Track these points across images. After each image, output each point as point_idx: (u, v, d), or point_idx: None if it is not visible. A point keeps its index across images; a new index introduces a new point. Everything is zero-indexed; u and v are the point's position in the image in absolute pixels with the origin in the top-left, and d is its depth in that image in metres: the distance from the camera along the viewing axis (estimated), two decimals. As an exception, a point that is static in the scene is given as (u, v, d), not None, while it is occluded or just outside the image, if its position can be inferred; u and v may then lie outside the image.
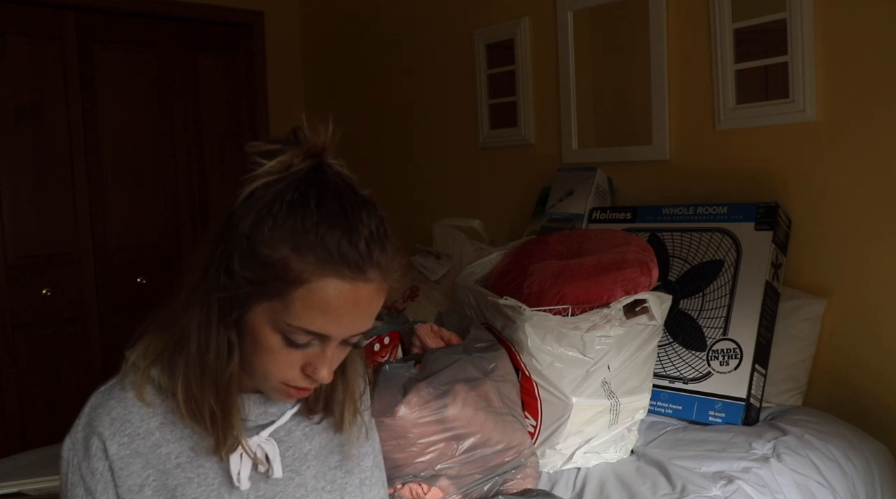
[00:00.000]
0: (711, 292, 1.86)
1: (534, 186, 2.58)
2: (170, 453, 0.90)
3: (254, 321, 0.84)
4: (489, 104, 2.78)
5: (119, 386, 0.92)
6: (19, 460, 1.85)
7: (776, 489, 1.46)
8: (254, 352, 0.86)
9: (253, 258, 0.81)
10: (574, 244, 1.88)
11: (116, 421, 0.89)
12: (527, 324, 1.55)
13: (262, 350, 0.85)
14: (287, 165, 0.84)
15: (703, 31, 2.10)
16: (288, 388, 0.88)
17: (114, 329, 3.16)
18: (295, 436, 0.98)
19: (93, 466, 0.89)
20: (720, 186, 2.08)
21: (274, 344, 0.84)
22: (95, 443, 0.89)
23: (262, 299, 0.83)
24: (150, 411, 0.90)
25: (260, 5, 3.52)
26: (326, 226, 0.81)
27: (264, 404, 0.95)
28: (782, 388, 1.88)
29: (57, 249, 3.05)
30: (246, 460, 0.91)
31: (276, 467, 0.93)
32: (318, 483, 0.98)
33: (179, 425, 0.91)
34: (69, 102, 3.06)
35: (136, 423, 0.90)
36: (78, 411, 0.92)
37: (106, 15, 3.16)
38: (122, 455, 0.88)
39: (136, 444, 0.89)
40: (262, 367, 0.86)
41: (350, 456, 1.02)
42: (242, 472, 0.91)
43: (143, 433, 0.90)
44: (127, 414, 0.90)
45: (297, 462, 0.97)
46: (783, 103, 1.93)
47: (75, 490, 0.90)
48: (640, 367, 1.64)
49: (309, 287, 0.81)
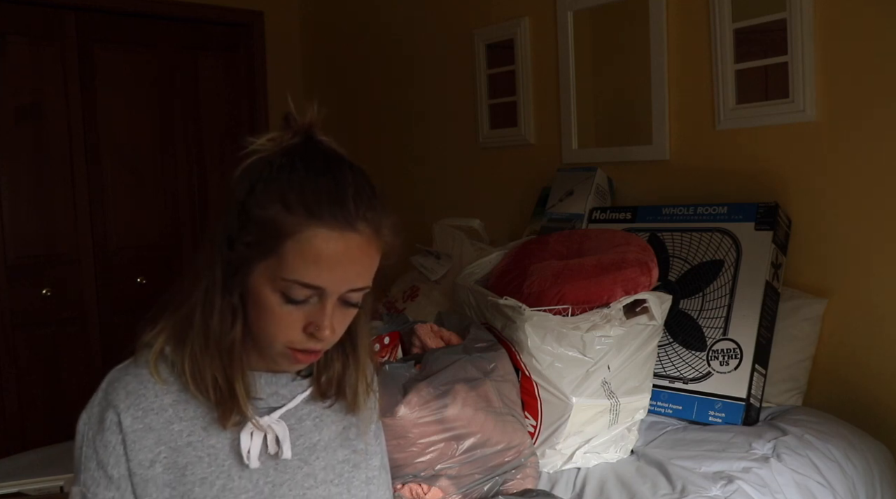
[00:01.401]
0: (711, 292, 1.86)
1: (534, 186, 2.58)
2: (181, 431, 0.91)
3: (254, 284, 0.87)
4: (489, 104, 2.78)
5: (134, 363, 0.94)
6: (19, 460, 1.86)
7: (776, 490, 1.46)
8: (257, 316, 0.88)
9: (248, 222, 0.86)
10: (574, 244, 1.88)
11: (132, 395, 0.90)
12: (527, 324, 1.55)
13: (264, 312, 0.87)
14: (278, 141, 0.90)
15: (703, 31, 2.10)
16: (294, 352, 0.89)
17: (114, 329, 3.16)
18: (306, 425, 0.99)
19: (106, 439, 0.90)
20: (720, 186, 2.08)
21: (274, 304, 0.87)
22: (110, 416, 0.90)
23: (259, 260, 0.86)
24: (164, 387, 0.92)
25: (260, 5, 3.52)
26: (313, 181, 0.86)
27: (275, 384, 0.97)
28: (782, 388, 1.88)
29: (57, 249, 3.05)
30: (256, 439, 0.92)
31: (285, 449, 0.94)
32: (326, 475, 0.99)
33: (192, 404, 0.93)
34: (69, 102, 3.06)
35: (151, 398, 0.91)
36: (78, 412, 0.93)
37: (106, 15, 3.16)
38: (135, 429, 0.90)
39: (150, 418, 0.90)
40: (266, 330, 0.88)
41: (364, 433, 1.04)
42: (252, 450, 0.92)
43: (156, 409, 0.91)
44: (142, 388, 0.91)
45: (306, 451, 0.98)
46: (783, 103, 1.93)
47: (88, 464, 0.91)
48: (641, 367, 1.64)
49: (299, 239, 0.84)
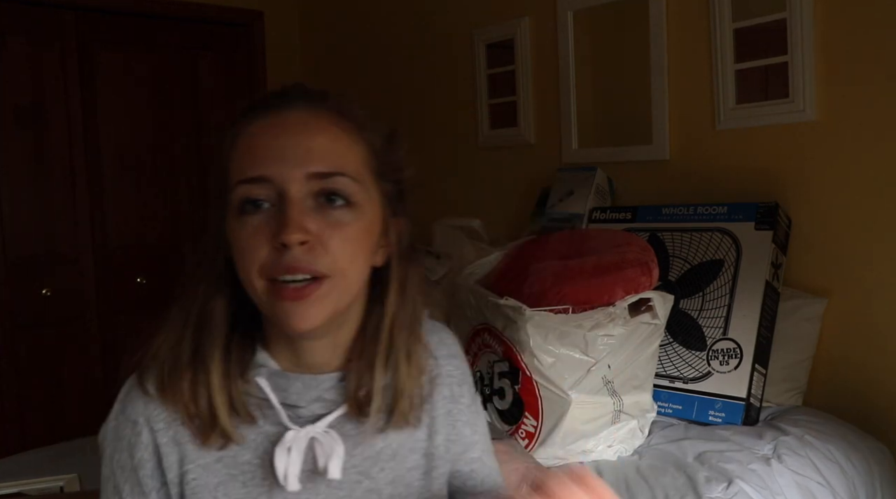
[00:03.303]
0: (711, 292, 1.86)
1: (534, 186, 2.57)
2: (211, 445, 0.77)
3: (227, 226, 0.76)
4: (489, 104, 2.78)
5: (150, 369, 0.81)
6: (19, 460, 1.86)
7: (777, 491, 1.46)
8: (236, 260, 0.75)
9: (211, 169, 0.79)
10: (574, 244, 1.88)
11: (150, 405, 0.78)
12: (528, 324, 1.55)
13: (235, 247, 0.74)
14: None
15: (703, 31, 2.10)
16: (276, 288, 0.72)
17: (114, 329, 3.15)
18: (365, 430, 0.81)
19: (122, 460, 0.78)
20: (720, 186, 2.08)
21: (236, 227, 0.74)
22: (128, 432, 0.78)
23: (222, 194, 0.76)
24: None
25: (260, 5, 3.52)
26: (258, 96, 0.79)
27: (316, 388, 0.79)
28: (782, 388, 1.88)
29: (57, 249, 3.05)
30: (295, 456, 0.76)
31: (332, 467, 0.77)
32: (395, 489, 0.82)
33: None
34: (69, 103, 3.06)
35: (171, 407, 0.78)
36: (78, 412, 0.90)
37: (106, 15, 3.16)
38: (160, 443, 0.77)
39: (174, 431, 0.77)
40: (242, 265, 0.74)
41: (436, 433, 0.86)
42: (290, 470, 0.76)
43: (180, 419, 0.77)
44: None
45: (367, 462, 0.82)
46: (783, 103, 1.93)
47: (106, 485, 0.79)
48: (643, 367, 1.64)
49: (235, 141, 0.76)
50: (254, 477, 0.78)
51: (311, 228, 0.72)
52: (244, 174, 0.73)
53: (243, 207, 0.73)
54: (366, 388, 0.79)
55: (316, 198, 0.73)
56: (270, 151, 0.73)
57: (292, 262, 0.71)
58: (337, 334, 0.79)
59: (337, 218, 0.74)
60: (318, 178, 0.73)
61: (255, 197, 0.73)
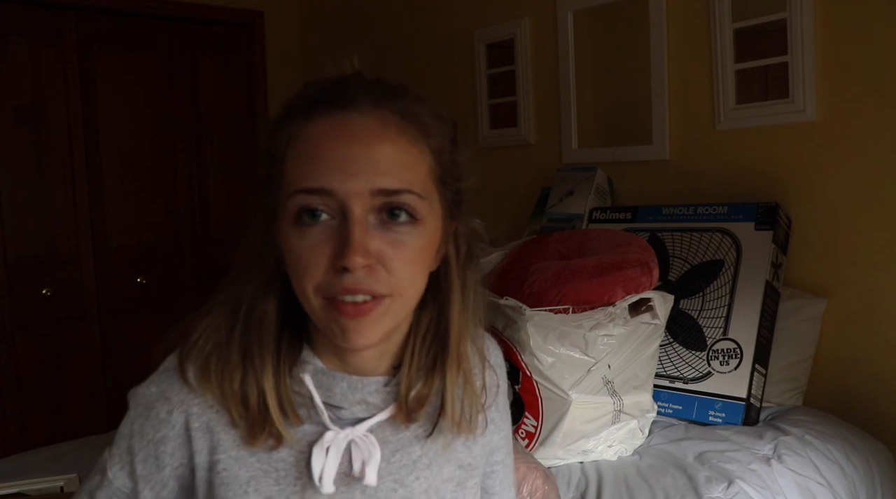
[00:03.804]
0: (711, 292, 1.86)
1: (534, 186, 2.58)
2: (245, 437, 0.75)
3: (279, 231, 0.72)
4: (489, 104, 2.78)
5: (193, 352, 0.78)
6: (19, 460, 1.86)
7: (777, 491, 1.46)
8: (289, 270, 0.72)
9: (262, 166, 0.75)
10: (574, 244, 1.88)
11: (186, 386, 0.75)
12: (528, 324, 1.55)
13: (289, 257, 0.71)
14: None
15: (703, 31, 2.10)
16: (335, 305, 0.69)
17: (114, 329, 3.15)
18: (404, 437, 0.80)
19: (145, 430, 0.76)
20: (720, 186, 2.08)
21: (293, 239, 0.70)
22: (161, 408, 0.75)
23: (275, 196, 0.72)
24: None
25: (260, 5, 3.52)
26: (315, 85, 0.75)
27: (361, 391, 0.77)
28: (782, 388, 1.88)
29: (57, 249, 3.05)
30: (332, 457, 0.74)
31: (369, 472, 0.75)
32: (428, 498, 0.81)
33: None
34: (69, 103, 3.06)
35: (208, 396, 0.76)
36: (78, 412, 0.88)
37: (106, 15, 3.15)
38: (191, 427, 0.75)
39: (208, 417, 0.75)
40: (297, 278, 0.70)
41: (473, 445, 0.85)
42: (326, 471, 0.74)
43: (216, 406, 0.75)
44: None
45: (403, 470, 0.79)
46: (783, 103, 1.93)
47: (120, 442, 0.77)
48: (643, 367, 1.64)
49: (292, 142, 0.71)
50: (287, 475, 0.76)
51: (373, 248, 0.68)
52: (304, 183, 0.69)
53: (300, 216, 0.69)
54: (417, 393, 0.78)
55: (378, 214, 0.70)
56: (333, 162, 0.68)
57: (352, 284, 0.68)
58: (387, 343, 0.77)
59: (399, 236, 0.70)
60: (384, 194, 0.69)
61: (315, 207, 0.69)
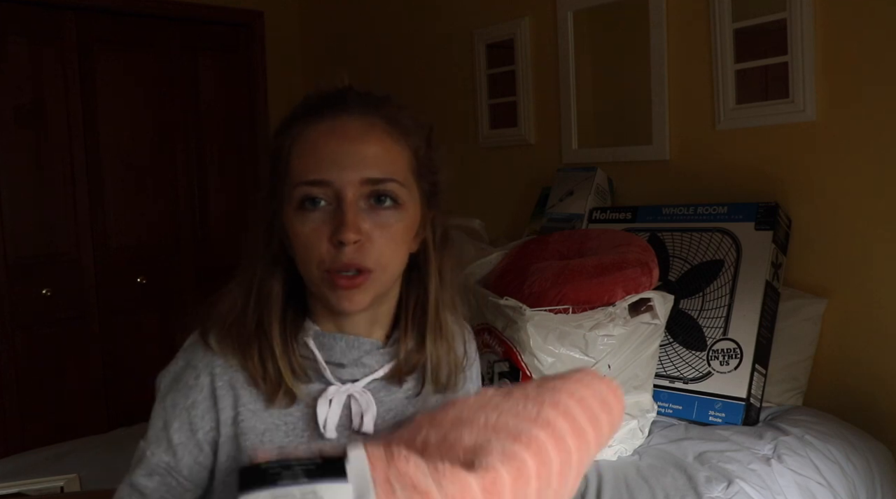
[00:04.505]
0: (711, 292, 1.86)
1: (534, 186, 2.58)
2: (261, 395, 0.88)
3: (285, 218, 0.86)
4: (489, 104, 2.78)
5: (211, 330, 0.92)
6: (19, 460, 1.86)
7: (777, 491, 1.46)
8: (293, 249, 0.86)
9: (269, 163, 0.89)
10: (574, 244, 1.88)
11: (209, 352, 0.88)
12: (529, 324, 1.55)
13: (294, 238, 0.85)
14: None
15: (703, 31, 2.10)
16: (332, 277, 0.83)
17: (114, 329, 3.15)
18: (397, 398, 0.93)
19: (176, 399, 0.88)
20: (720, 186, 2.08)
21: (297, 223, 0.84)
22: (188, 375, 0.88)
23: (281, 189, 0.86)
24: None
25: (260, 5, 3.52)
26: (316, 94, 0.89)
27: (358, 350, 0.90)
28: (782, 388, 1.88)
29: (57, 249, 3.05)
30: (335, 407, 0.87)
31: (367, 421, 0.88)
32: None
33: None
34: (69, 102, 3.06)
35: (230, 357, 0.89)
36: (78, 412, 0.92)
37: (106, 15, 3.15)
38: (217, 386, 0.87)
39: (230, 376, 0.88)
40: (301, 256, 0.85)
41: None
42: (330, 419, 0.87)
43: (236, 366, 0.88)
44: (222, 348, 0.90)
45: (395, 426, 0.91)
46: (783, 103, 1.93)
47: (156, 422, 0.89)
48: (643, 367, 1.64)
49: (296, 142, 0.85)
50: (295, 428, 0.88)
51: (364, 227, 0.83)
52: (306, 176, 0.84)
53: (303, 203, 0.84)
54: (408, 356, 0.92)
55: (367, 199, 0.85)
56: (330, 157, 0.83)
57: (346, 259, 0.83)
58: (376, 310, 0.91)
59: (384, 218, 0.85)
60: (371, 183, 0.84)
61: (315, 196, 0.83)
